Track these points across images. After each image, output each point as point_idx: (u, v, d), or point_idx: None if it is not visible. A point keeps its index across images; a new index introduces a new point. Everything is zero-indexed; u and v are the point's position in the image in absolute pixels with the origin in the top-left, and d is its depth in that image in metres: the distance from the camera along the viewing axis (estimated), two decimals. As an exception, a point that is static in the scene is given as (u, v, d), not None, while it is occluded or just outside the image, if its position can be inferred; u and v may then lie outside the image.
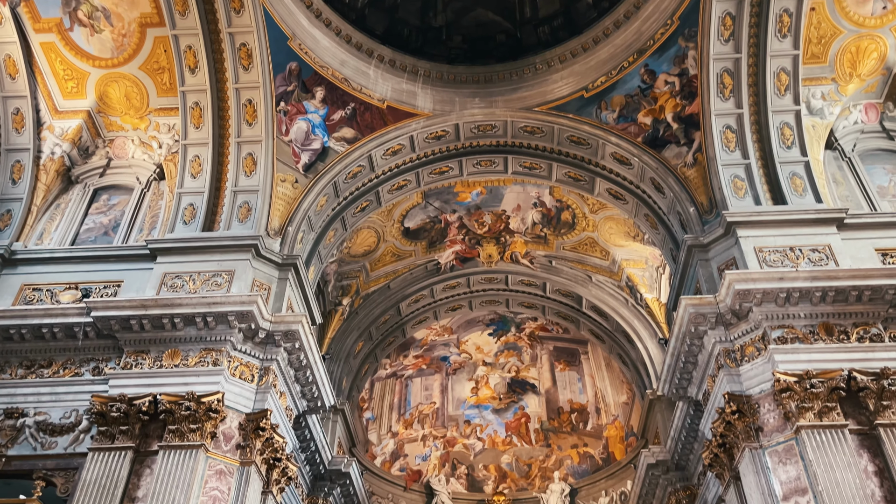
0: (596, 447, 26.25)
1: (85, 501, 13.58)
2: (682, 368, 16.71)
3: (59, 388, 15.37)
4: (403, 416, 27.33)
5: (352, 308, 23.53)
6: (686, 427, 18.42)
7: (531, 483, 26.74)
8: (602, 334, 24.69)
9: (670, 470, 19.88)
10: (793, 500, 13.21)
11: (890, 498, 12.96)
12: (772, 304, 14.87)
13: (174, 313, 15.43)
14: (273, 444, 15.58)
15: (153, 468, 14.20)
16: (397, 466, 26.47)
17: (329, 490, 20.84)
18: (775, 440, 14.01)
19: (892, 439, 13.33)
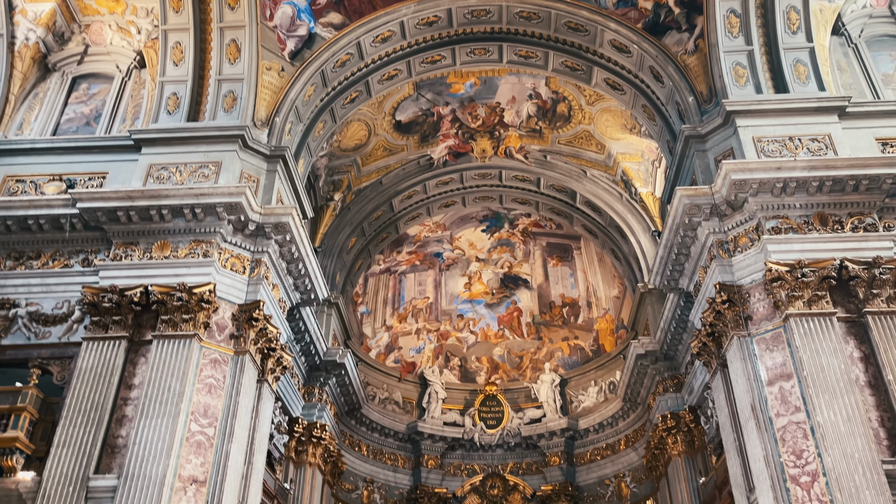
0: (586, 340, 26.71)
1: (81, 389, 13.82)
2: (674, 260, 16.71)
3: (49, 279, 15.33)
4: (397, 311, 27.62)
5: (344, 203, 23.29)
6: (676, 318, 18.64)
7: (522, 374, 27.38)
8: (595, 229, 24.63)
9: (658, 360, 20.28)
10: (777, 385, 13.49)
11: (873, 382, 13.26)
12: (768, 194, 14.70)
13: (162, 205, 15.21)
14: (267, 334, 15.71)
15: (148, 357, 14.37)
16: (392, 358, 26.97)
17: (324, 380, 21.28)
18: (763, 328, 14.17)
19: (879, 326, 13.49)
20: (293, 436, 20.00)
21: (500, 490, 25.34)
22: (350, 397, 22.96)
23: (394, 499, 24.82)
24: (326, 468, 21.38)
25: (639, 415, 22.88)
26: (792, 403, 13.16)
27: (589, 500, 24.27)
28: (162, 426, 13.39)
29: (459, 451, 25.90)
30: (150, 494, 12.75)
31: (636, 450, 23.03)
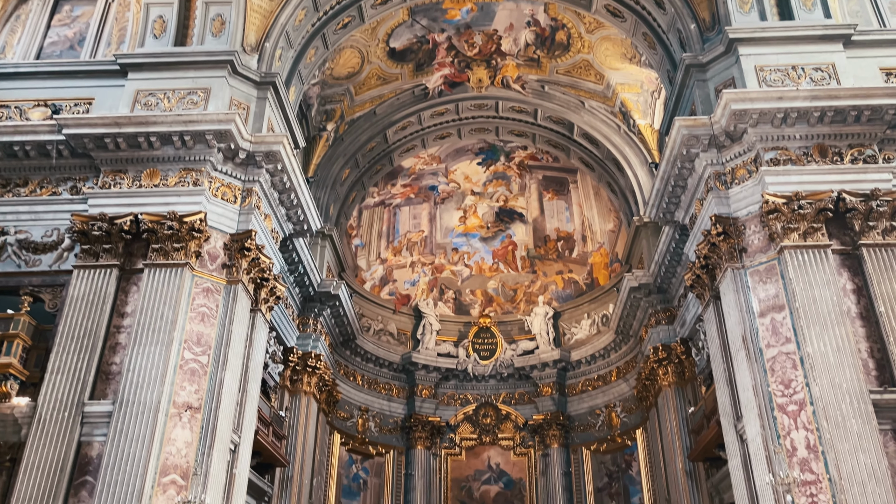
0: (580, 273, 26.78)
1: (74, 316, 13.80)
2: (670, 192, 16.55)
3: (37, 206, 15.14)
4: (392, 244, 27.55)
5: (336, 134, 22.91)
6: (670, 251, 18.60)
7: (516, 307, 27.53)
8: (592, 162, 24.35)
9: (652, 293, 20.35)
10: (769, 317, 13.53)
11: (865, 314, 13.30)
12: (768, 125, 14.44)
13: (150, 132, 14.90)
14: (259, 264, 15.64)
15: (140, 286, 14.32)
16: (386, 291, 27.06)
17: (319, 311, 21.36)
18: (758, 260, 14.13)
19: (873, 259, 13.46)
20: (288, 365, 20.20)
21: (493, 419, 25.82)
22: (344, 328, 23.10)
23: (388, 427, 25.28)
24: (321, 397, 21.68)
25: (630, 347, 23.12)
26: (783, 334, 13.22)
27: (579, 430, 24.75)
28: (155, 354, 13.44)
29: (453, 381, 26.26)
30: (145, 420, 12.89)
31: (627, 381, 23.36)
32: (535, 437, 25.29)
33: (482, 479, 25.52)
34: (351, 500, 24.00)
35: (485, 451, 25.81)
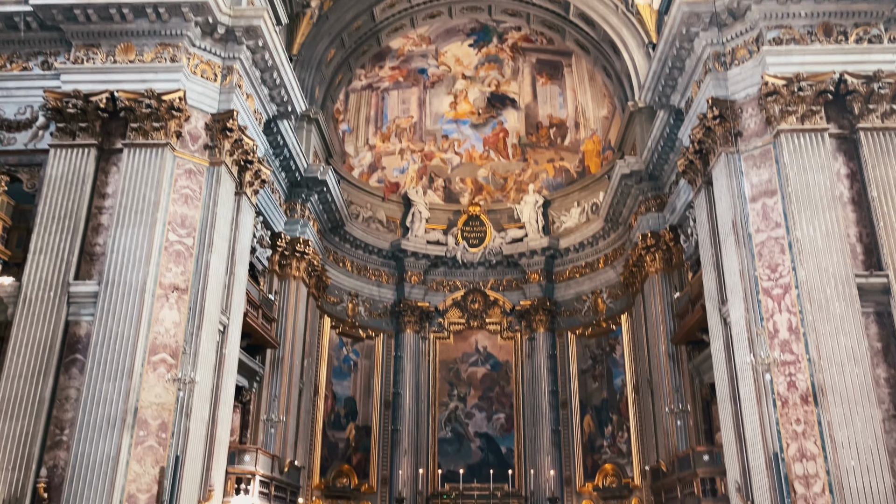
0: (572, 161, 26.43)
1: (53, 196, 13.52)
2: (667, 74, 16.04)
3: (8, 82, 14.54)
4: (380, 130, 26.94)
5: (321, 11, 21.81)
6: (664, 137, 18.24)
7: (506, 195, 27.33)
8: (588, 45, 23.47)
9: (643, 180, 20.13)
10: (760, 202, 13.41)
11: (857, 199, 13.20)
12: (772, 1, 13.79)
13: (122, 2, 14.09)
14: (242, 145, 15.22)
15: (119, 166, 13.97)
16: (375, 178, 26.71)
17: (306, 196, 21.10)
18: (753, 145, 13.86)
19: (870, 143, 13.22)
20: (276, 250, 20.13)
21: (481, 304, 26.18)
22: (333, 214, 22.93)
23: (378, 311, 25.63)
24: (311, 282, 21.78)
25: (619, 235, 23.13)
26: (773, 219, 13.14)
27: (565, 315, 25.16)
28: (139, 235, 13.28)
29: (442, 268, 26.42)
30: (131, 300, 12.89)
31: (614, 268, 23.53)
32: (521, 321, 25.74)
33: (469, 362, 26.17)
34: (342, 381, 24.65)
35: (472, 335, 26.33)
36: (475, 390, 25.93)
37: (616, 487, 22.27)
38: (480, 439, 25.41)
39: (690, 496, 15.63)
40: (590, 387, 24.33)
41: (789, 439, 12.12)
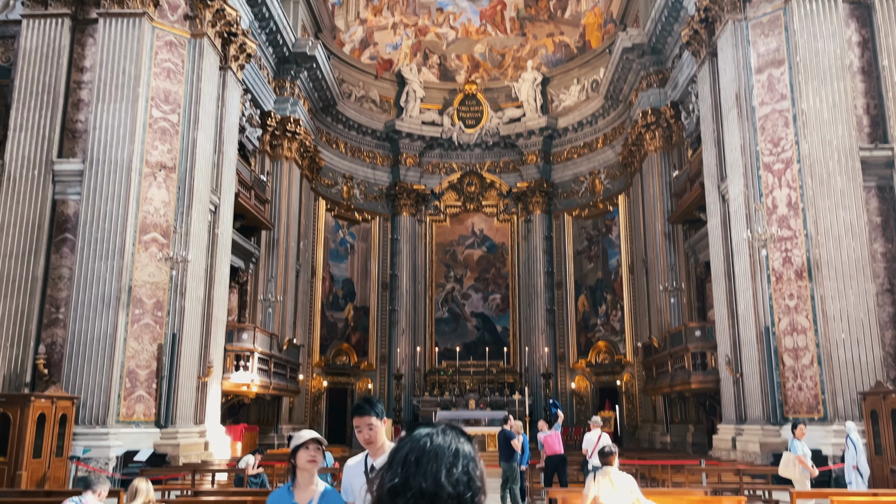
0: (572, 35, 25.37)
1: (29, 70, 12.94)
2: (674, -63, 15.05)
3: (-30, -53, 13.60)
4: (372, 2, 25.64)
5: None
6: (668, 6, 17.34)
7: (504, 73, 26.42)
8: None
9: (645, 53, 19.35)
10: (766, 73, 12.87)
11: (867, 69, 12.66)
12: None
13: None
14: (224, 16, 14.44)
15: (96, 38, 13.28)
16: (367, 55, 25.71)
17: (295, 73, 20.35)
18: (762, 11, 13.14)
19: (885, 8, 12.54)
20: (266, 130, 19.64)
21: (477, 187, 25.91)
22: (324, 93, 22.23)
23: (373, 194, 25.40)
24: (304, 163, 21.41)
25: (619, 113, 22.55)
26: (778, 91, 12.66)
27: (562, 196, 24.97)
28: (121, 111, 12.81)
29: (438, 149, 25.95)
30: (117, 178, 12.60)
31: (613, 147, 23.10)
32: (518, 203, 25.57)
33: (466, 244, 26.22)
34: (339, 263, 24.78)
35: (469, 218, 26.23)
36: (471, 272, 26.11)
37: (608, 364, 22.85)
38: (476, 319, 25.84)
39: (681, 370, 15.99)
40: (585, 267, 24.49)
41: (781, 314, 12.21)
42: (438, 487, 1.18)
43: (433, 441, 1.25)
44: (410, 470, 1.21)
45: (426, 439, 1.26)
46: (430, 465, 1.21)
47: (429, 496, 1.17)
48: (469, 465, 1.23)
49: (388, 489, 1.20)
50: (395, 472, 1.22)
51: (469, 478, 1.22)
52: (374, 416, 2.86)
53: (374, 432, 2.87)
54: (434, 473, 1.20)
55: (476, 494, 1.21)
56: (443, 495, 1.17)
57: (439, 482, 1.18)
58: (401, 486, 1.19)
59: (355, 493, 2.90)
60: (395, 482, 1.20)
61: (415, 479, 1.19)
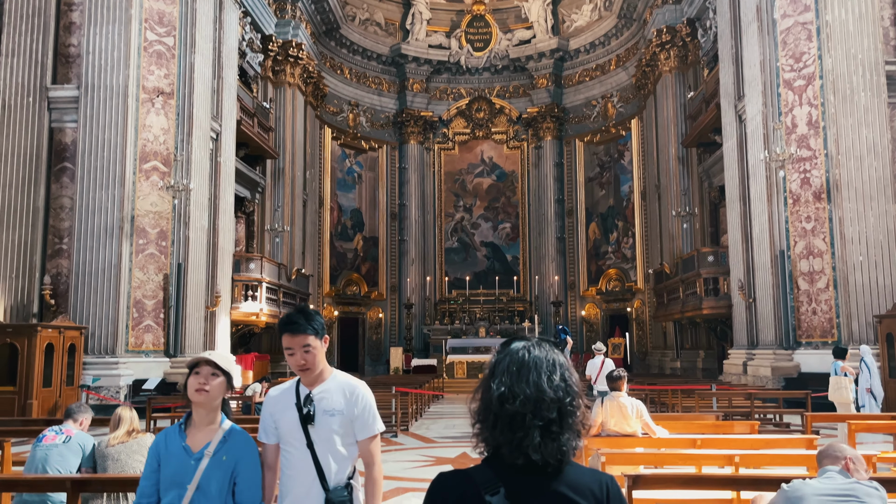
0: (585, -48, 24.27)
1: (17, -8, 12.46)
2: None
3: None
4: (375, -80, 24.55)
5: None
6: (687, -85, 16.45)
7: (513, -7, 25.47)
8: None
9: (661, -32, 18.48)
10: (790, -17, 12.18)
11: (897, -24, 11.94)
12: None
13: None
14: (219, -69, 13.82)
15: (85, -43, 12.72)
16: (371, -26, 24.77)
17: (295, -4, 19.63)
18: (787, -84, 12.36)
19: None
20: (268, 55, 19.05)
21: (486, 113, 25.30)
22: (326, 15, 21.48)
23: (380, 122, 24.87)
24: (307, 90, 20.87)
25: (633, 32, 21.70)
26: (802, 2, 11.98)
27: (574, 121, 24.36)
28: (114, 33, 12.34)
29: (445, 74, 25.24)
30: (114, 105, 12.25)
31: (626, 69, 22.35)
32: (528, 130, 25.00)
33: (475, 172, 25.80)
34: (347, 193, 24.50)
35: (478, 146, 25.72)
36: (481, 201, 25.78)
37: (619, 291, 22.73)
38: (486, 248, 25.66)
39: (692, 296, 15.81)
40: (596, 194, 24.09)
41: (797, 237, 11.90)
42: (541, 393, 1.30)
43: (531, 353, 1.36)
44: (514, 379, 1.33)
45: (524, 351, 1.37)
46: (532, 374, 1.33)
47: (533, 401, 1.29)
48: (565, 373, 1.36)
49: (497, 396, 1.32)
50: (500, 381, 1.33)
51: (567, 384, 1.34)
52: (311, 334, 2.26)
53: (311, 356, 2.28)
54: (536, 381, 1.32)
55: (574, 398, 1.34)
56: (545, 399, 1.30)
57: (541, 388, 1.31)
58: (508, 394, 1.31)
59: (282, 430, 2.30)
60: (502, 391, 1.32)
61: (519, 387, 1.31)
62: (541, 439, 1.28)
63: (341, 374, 2.40)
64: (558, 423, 1.30)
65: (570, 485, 1.31)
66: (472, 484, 1.32)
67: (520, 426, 1.29)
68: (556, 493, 1.29)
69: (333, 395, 2.29)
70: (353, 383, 2.34)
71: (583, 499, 1.30)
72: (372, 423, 2.30)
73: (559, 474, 1.30)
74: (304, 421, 2.24)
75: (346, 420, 2.27)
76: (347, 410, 2.28)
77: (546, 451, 1.28)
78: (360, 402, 2.30)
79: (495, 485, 1.29)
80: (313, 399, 2.29)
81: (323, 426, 2.25)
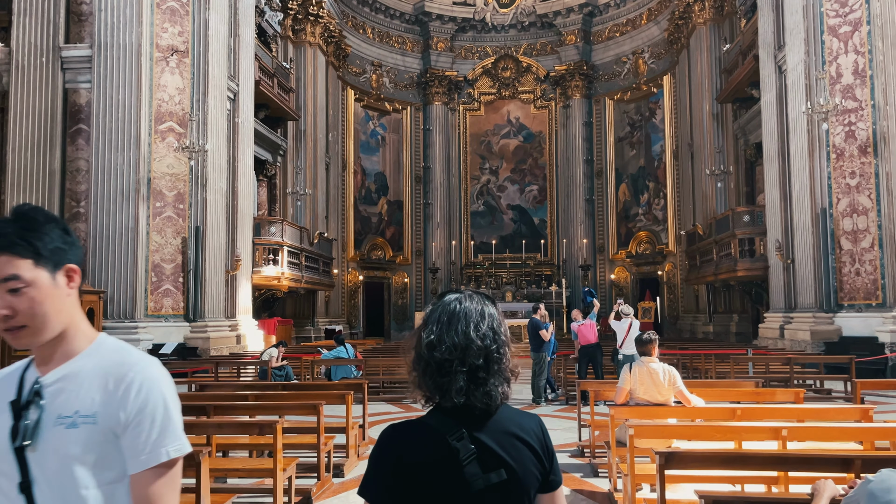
0: None
1: (26, -51, 12.11)
2: None
3: None
4: None
5: None
6: None
7: (540, -54, 24.52)
8: None
9: (697, -87, 17.52)
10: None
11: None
12: None
13: None
14: None
15: (95, -90, 12.30)
16: (393, -69, 24.00)
17: (315, -49, 19.03)
18: None
19: None
20: (288, 13, 18.58)
21: (513, 72, 24.58)
22: (347, -28, 20.89)
23: (404, 83, 24.32)
24: (329, 49, 20.38)
25: (665, -16, 20.78)
26: (849, -59, 11.18)
27: (603, 79, 23.55)
28: (125, -11, 11.98)
29: (470, 32, 24.52)
30: (128, 64, 11.92)
31: (658, 23, 21.44)
32: (556, 88, 24.26)
33: (501, 134, 25.19)
34: (371, 156, 24.10)
35: (504, 106, 25.06)
36: (507, 163, 25.21)
37: (649, 254, 22.14)
38: (513, 211, 25.16)
39: (726, 257, 15.22)
40: (626, 154, 23.37)
41: (840, 194, 11.25)
42: (469, 341, 1.33)
43: (461, 304, 1.39)
44: (443, 328, 1.35)
45: (455, 303, 1.39)
46: (461, 324, 1.35)
47: (461, 349, 1.32)
48: (494, 323, 1.38)
49: (426, 344, 1.34)
50: (430, 329, 1.36)
51: (495, 333, 1.37)
52: (24, 257, 1.19)
53: (23, 302, 1.19)
54: (464, 330, 1.34)
55: (501, 346, 1.36)
56: (472, 347, 1.33)
57: (469, 337, 1.34)
58: (436, 341, 1.33)
59: None
60: (431, 338, 1.34)
61: (448, 336, 1.34)
62: (467, 384, 1.30)
63: (110, 345, 1.30)
64: (485, 369, 1.32)
65: (516, 424, 1.35)
66: (430, 431, 1.32)
67: (447, 372, 1.31)
68: (507, 433, 1.33)
69: (83, 387, 1.22)
70: (126, 362, 1.25)
71: (528, 437, 1.34)
72: (157, 441, 1.21)
73: (500, 416, 1.34)
74: (16, 437, 1.20)
75: (103, 434, 1.20)
76: (107, 415, 1.21)
77: (473, 396, 1.30)
78: (134, 398, 1.21)
79: (457, 429, 1.30)
80: (43, 394, 1.23)
81: (53, 447, 1.20)
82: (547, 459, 1.35)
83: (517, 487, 1.30)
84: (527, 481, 1.31)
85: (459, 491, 1.27)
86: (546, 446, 1.36)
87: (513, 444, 1.31)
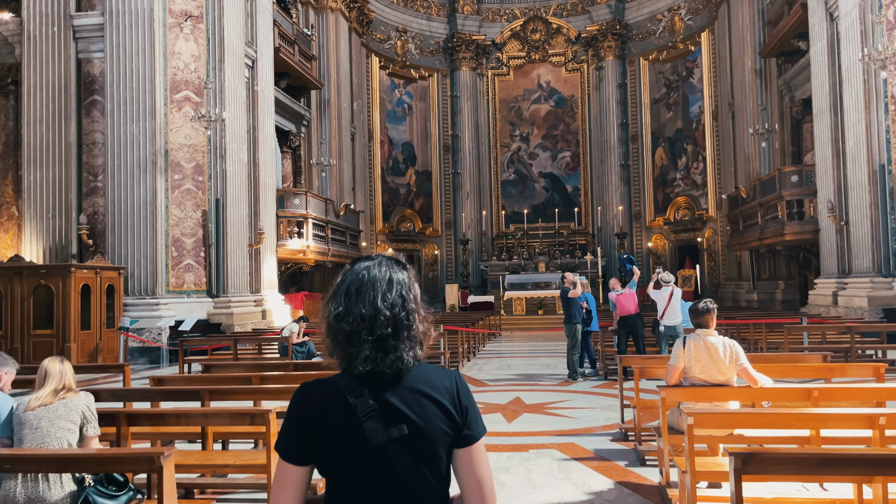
0: None
1: (33, -87, 11.66)
2: None
3: None
4: None
5: None
6: None
7: None
8: None
9: None
10: None
11: None
12: None
13: None
14: None
15: None
16: None
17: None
18: None
19: None
20: (307, -22, 17.96)
21: (543, 34, 23.66)
22: (369, -67, 20.14)
23: (430, 49, 23.58)
24: (351, 15, 19.74)
25: (704, -66, 19.65)
26: None
27: (637, 39, 22.54)
28: (135, -47, 11.48)
29: (497, -7, 23.63)
30: (140, 31, 11.47)
31: (696, -23, 20.36)
32: (588, 50, 23.32)
33: (531, 99, 24.36)
34: (397, 125, 23.50)
35: (534, 70, 24.19)
36: (538, 129, 24.41)
37: (689, 220, 21.29)
38: (545, 179, 24.42)
39: (773, 221, 14.39)
40: (663, 117, 22.42)
41: (900, 148, 10.40)
42: (376, 311, 1.33)
43: (370, 273, 1.37)
44: (351, 299, 1.34)
45: (364, 272, 1.38)
46: (368, 294, 1.35)
47: (368, 319, 1.32)
48: (402, 290, 1.37)
49: (334, 315, 1.35)
50: (338, 301, 1.35)
51: (403, 300, 1.36)
52: None
53: None
54: (372, 300, 1.34)
55: (410, 313, 1.36)
56: (380, 318, 1.33)
57: (376, 307, 1.33)
58: (344, 313, 1.33)
59: None
60: (339, 310, 1.34)
61: (355, 307, 1.34)
62: (374, 352, 1.31)
63: None
64: (394, 336, 1.32)
65: (425, 381, 1.35)
66: (336, 388, 1.34)
67: (356, 342, 1.32)
68: (413, 390, 1.33)
69: None
70: None
71: (437, 393, 1.34)
72: None
73: (411, 375, 1.34)
74: None
75: None
76: None
77: (382, 363, 1.31)
78: None
79: (358, 388, 1.32)
80: None
81: None
82: (460, 415, 1.34)
83: (422, 442, 1.31)
84: (433, 436, 1.32)
85: (361, 445, 1.29)
86: (458, 402, 1.35)
87: (417, 399, 1.32)
